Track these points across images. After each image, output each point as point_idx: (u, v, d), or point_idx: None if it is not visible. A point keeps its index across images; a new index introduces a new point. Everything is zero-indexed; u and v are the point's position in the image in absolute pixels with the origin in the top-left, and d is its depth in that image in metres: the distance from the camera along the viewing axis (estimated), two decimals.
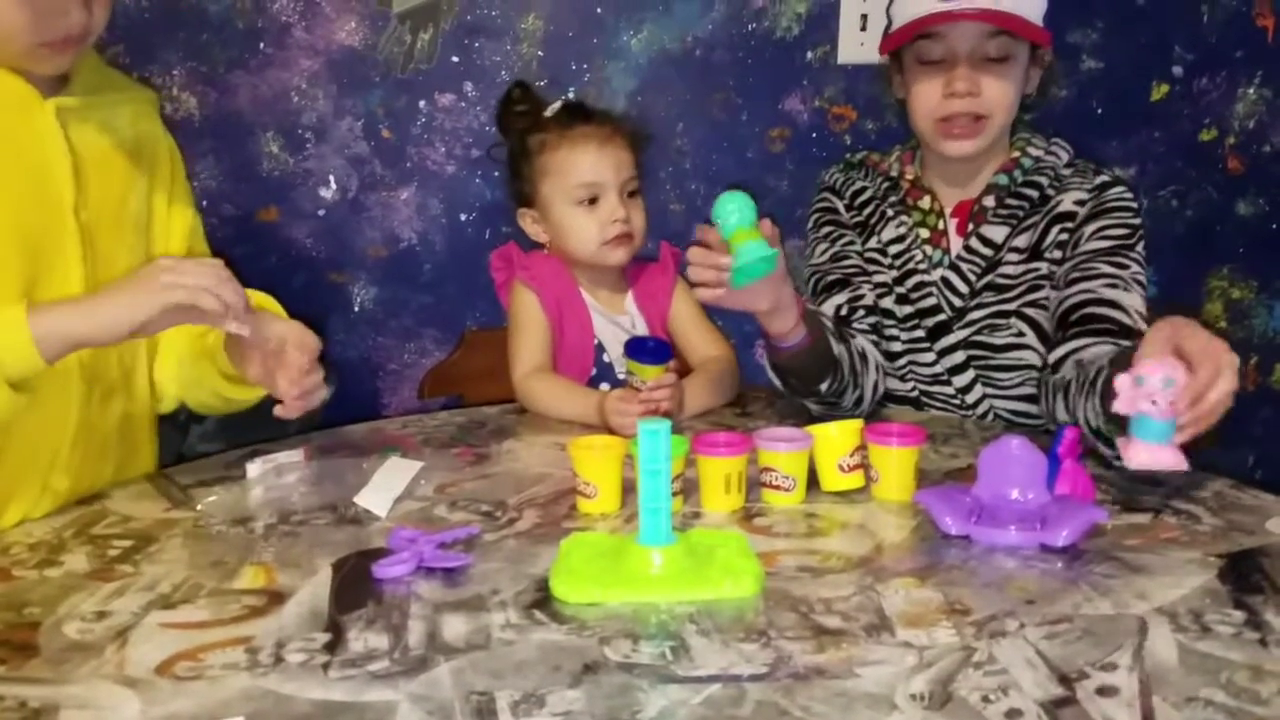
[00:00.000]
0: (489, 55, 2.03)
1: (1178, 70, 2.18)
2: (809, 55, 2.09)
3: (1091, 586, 0.91)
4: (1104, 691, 0.74)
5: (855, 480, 1.14)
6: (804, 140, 2.13)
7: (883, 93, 1.63)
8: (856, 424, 1.14)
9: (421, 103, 2.04)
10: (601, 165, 1.51)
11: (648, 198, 1.59)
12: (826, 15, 2.07)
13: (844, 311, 1.48)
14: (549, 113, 1.57)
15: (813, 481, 1.14)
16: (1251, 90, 2.20)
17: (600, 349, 1.57)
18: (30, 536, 1.05)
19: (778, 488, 1.12)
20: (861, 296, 1.49)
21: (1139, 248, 1.40)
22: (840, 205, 1.57)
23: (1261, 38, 2.17)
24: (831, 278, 1.51)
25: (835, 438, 1.13)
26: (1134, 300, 1.34)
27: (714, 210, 1.17)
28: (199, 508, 1.13)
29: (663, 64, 2.06)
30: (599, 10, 2.03)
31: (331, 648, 0.81)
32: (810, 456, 1.13)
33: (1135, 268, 1.38)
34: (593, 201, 1.52)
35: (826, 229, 1.56)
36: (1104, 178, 1.45)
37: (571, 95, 1.68)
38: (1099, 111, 2.18)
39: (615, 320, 1.58)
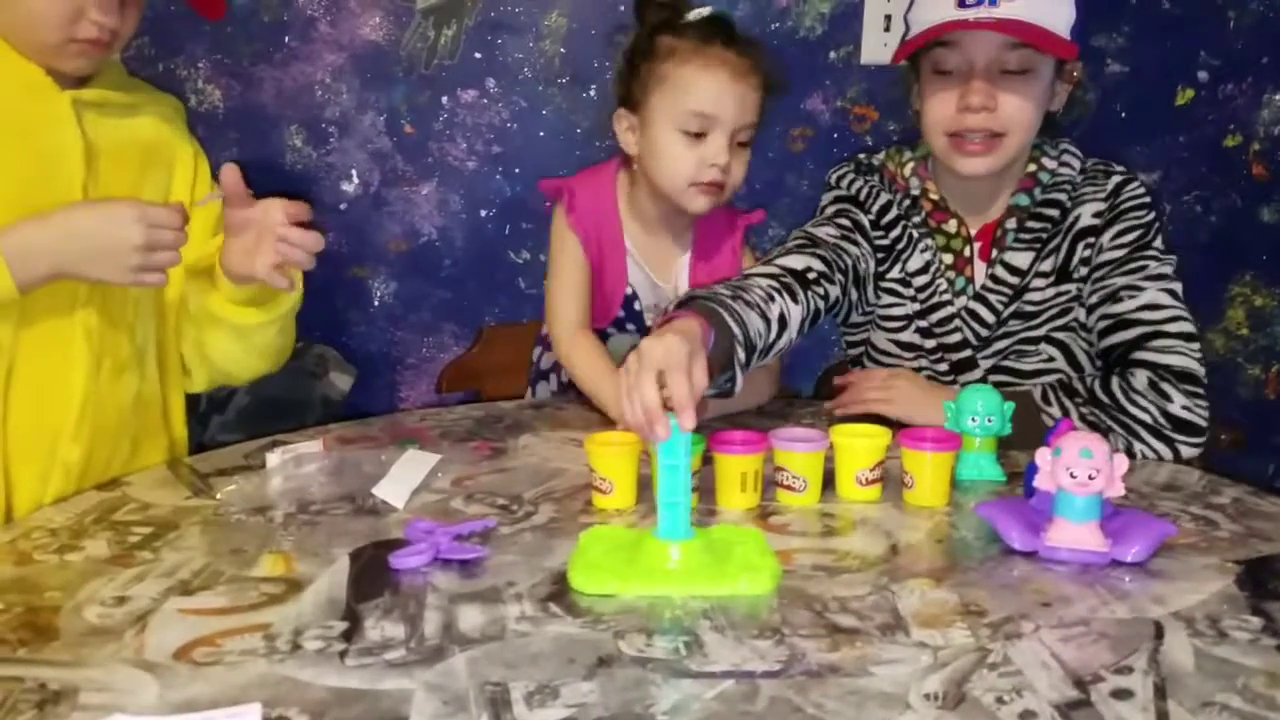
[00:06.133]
0: (512, 52, 2.03)
1: (1203, 75, 2.17)
2: (832, 55, 2.09)
3: (1108, 590, 0.90)
4: (1119, 695, 0.73)
5: (872, 494, 1.12)
6: (825, 140, 2.13)
7: (904, 99, 1.56)
8: (884, 438, 1.12)
9: (444, 98, 2.05)
10: (724, 99, 1.34)
11: None
12: (849, 15, 2.07)
13: (810, 276, 1.32)
14: (692, 16, 1.39)
15: (832, 483, 1.14)
16: (1277, 96, 2.18)
17: (632, 297, 1.48)
18: (51, 522, 1.06)
19: (789, 488, 1.11)
20: (825, 295, 1.34)
21: (1156, 242, 1.37)
22: (865, 221, 1.45)
23: None
24: (819, 250, 1.37)
25: (858, 449, 1.12)
26: (1148, 297, 1.32)
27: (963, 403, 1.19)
28: (219, 496, 1.14)
29: None
30: (621, 8, 2.03)
31: (348, 636, 0.81)
32: (826, 458, 1.12)
33: (1152, 265, 1.35)
34: (700, 135, 1.36)
35: (843, 223, 1.44)
36: (1117, 177, 1.41)
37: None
38: (1123, 116, 2.17)
39: (656, 285, 1.50)
